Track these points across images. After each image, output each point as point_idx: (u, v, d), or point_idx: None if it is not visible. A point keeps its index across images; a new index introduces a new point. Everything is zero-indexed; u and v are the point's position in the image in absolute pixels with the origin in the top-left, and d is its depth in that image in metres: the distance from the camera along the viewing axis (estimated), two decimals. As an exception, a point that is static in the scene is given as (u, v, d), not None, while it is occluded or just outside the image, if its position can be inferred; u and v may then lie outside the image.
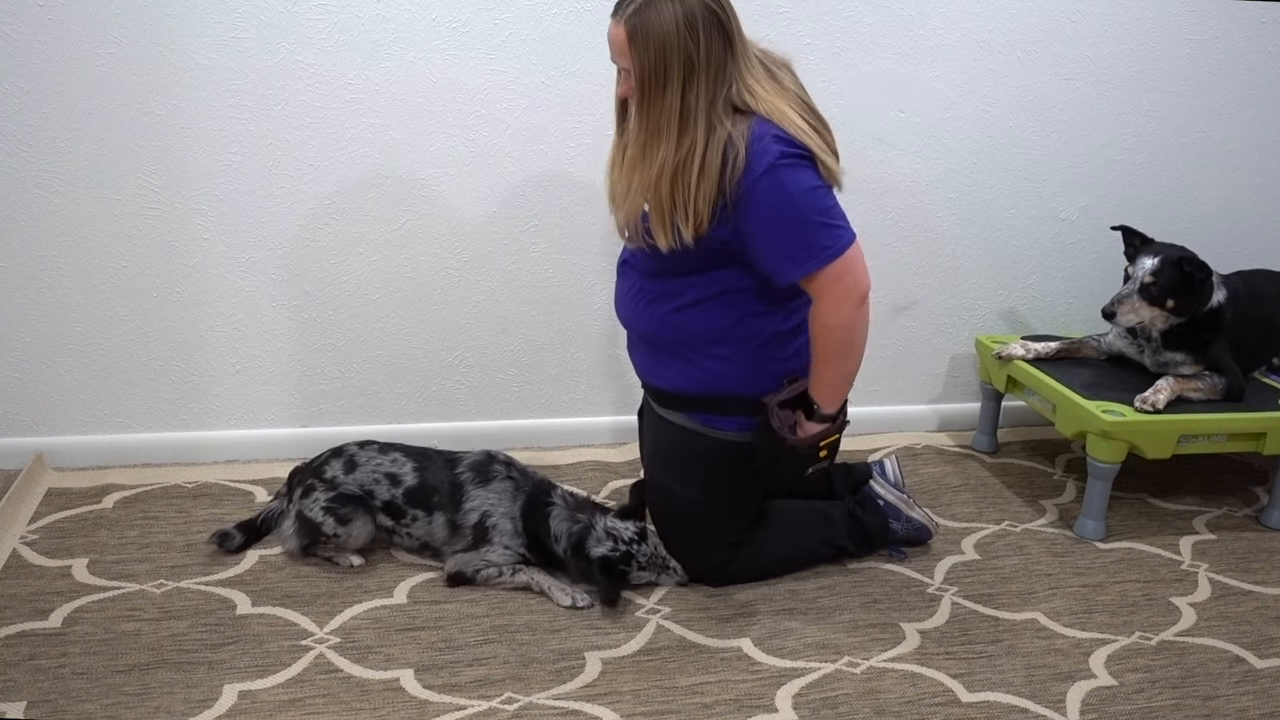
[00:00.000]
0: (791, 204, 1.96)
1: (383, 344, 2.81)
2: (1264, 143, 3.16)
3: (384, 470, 2.33)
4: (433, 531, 2.31)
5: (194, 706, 1.86)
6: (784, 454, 2.13)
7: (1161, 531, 2.67)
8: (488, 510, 2.28)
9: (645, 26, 1.91)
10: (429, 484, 2.31)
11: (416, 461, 2.35)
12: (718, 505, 2.27)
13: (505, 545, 2.27)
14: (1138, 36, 2.98)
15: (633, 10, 1.93)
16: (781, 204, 1.96)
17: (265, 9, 2.49)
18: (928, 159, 2.97)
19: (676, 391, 2.23)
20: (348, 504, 2.29)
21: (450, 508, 2.29)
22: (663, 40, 1.90)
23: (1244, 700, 2.03)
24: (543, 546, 2.27)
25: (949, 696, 2.00)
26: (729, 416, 2.20)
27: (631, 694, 1.96)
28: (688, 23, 1.90)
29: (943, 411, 3.24)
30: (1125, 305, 2.66)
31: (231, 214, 2.62)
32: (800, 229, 1.98)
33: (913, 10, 2.82)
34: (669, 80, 1.92)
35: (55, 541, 2.37)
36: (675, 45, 1.90)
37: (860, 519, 2.43)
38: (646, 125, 1.97)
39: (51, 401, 2.68)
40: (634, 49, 1.93)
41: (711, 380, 2.18)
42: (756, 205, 1.97)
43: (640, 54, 1.92)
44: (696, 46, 1.91)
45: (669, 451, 2.28)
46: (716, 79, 1.94)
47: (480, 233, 2.77)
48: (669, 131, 1.95)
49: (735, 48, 1.96)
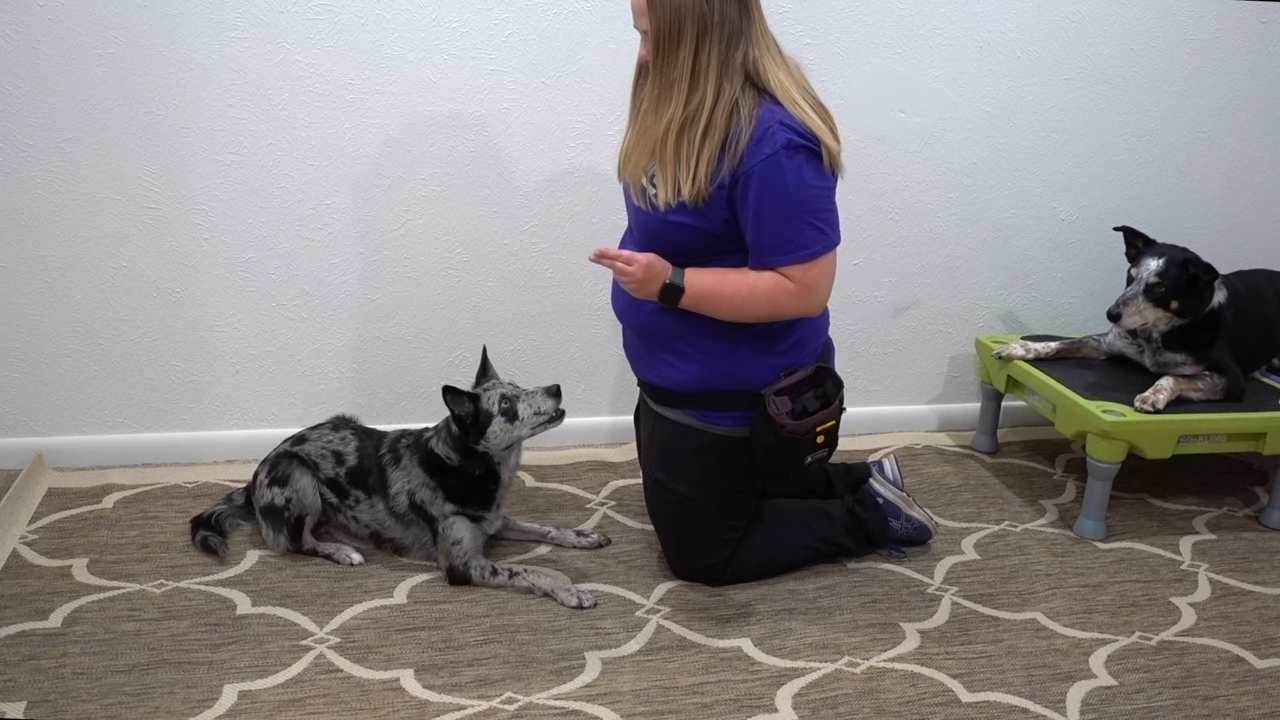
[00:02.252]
0: (786, 195, 2.01)
1: (383, 344, 2.81)
2: (1264, 143, 3.16)
3: (332, 447, 2.37)
4: (378, 518, 2.35)
5: (194, 706, 1.86)
6: (781, 443, 2.13)
7: (1161, 531, 2.67)
8: (411, 489, 2.31)
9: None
10: (365, 466, 2.36)
11: (360, 441, 2.39)
12: (715, 502, 2.27)
13: (447, 514, 2.29)
14: (1138, 36, 2.98)
15: None
16: (778, 192, 2.01)
17: (265, 9, 2.49)
18: (928, 159, 2.97)
19: (673, 388, 2.23)
20: (281, 463, 2.35)
21: (380, 491, 2.34)
22: (678, 1, 1.97)
23: (1244, 700, 2.03)
24: (459, 474, 2.29)
25: (949, 696, 2.00)
26: (726, 411, 2.20)
27: (631, 694, 1.96)
28: None
29: (943, 411, 3.24)
30: (1130, 307, 2.65)
31: (231, 214, 2.62)
32: (788, 222, 2.02)
33: (913, 10, 2.82)
34: (682, 38, 1.98)
35: (55, 541, 2.37)
36: (690, 5, 1.97)
37: (860, 516, 2.43)
38: (660, 82, 2.03)
39: (51, 401, 2.68)
40: (652, 9, 2.00)
41: (708, 376, 2.18)
42: (754, 187, 2.01)
43: (658, 14, 1.99)
44: (711, 8, 1.97)
45: (666, 448, 2.28)
46: (730, 42, 2.00)
47: (480, 233, 2.77)
48: (680, 88, 2.01)
49: (752, 15, 2.02)
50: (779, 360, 2.18)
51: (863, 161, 2.90)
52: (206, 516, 2.41)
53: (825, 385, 2.18)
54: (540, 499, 2.69)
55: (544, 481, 2.78)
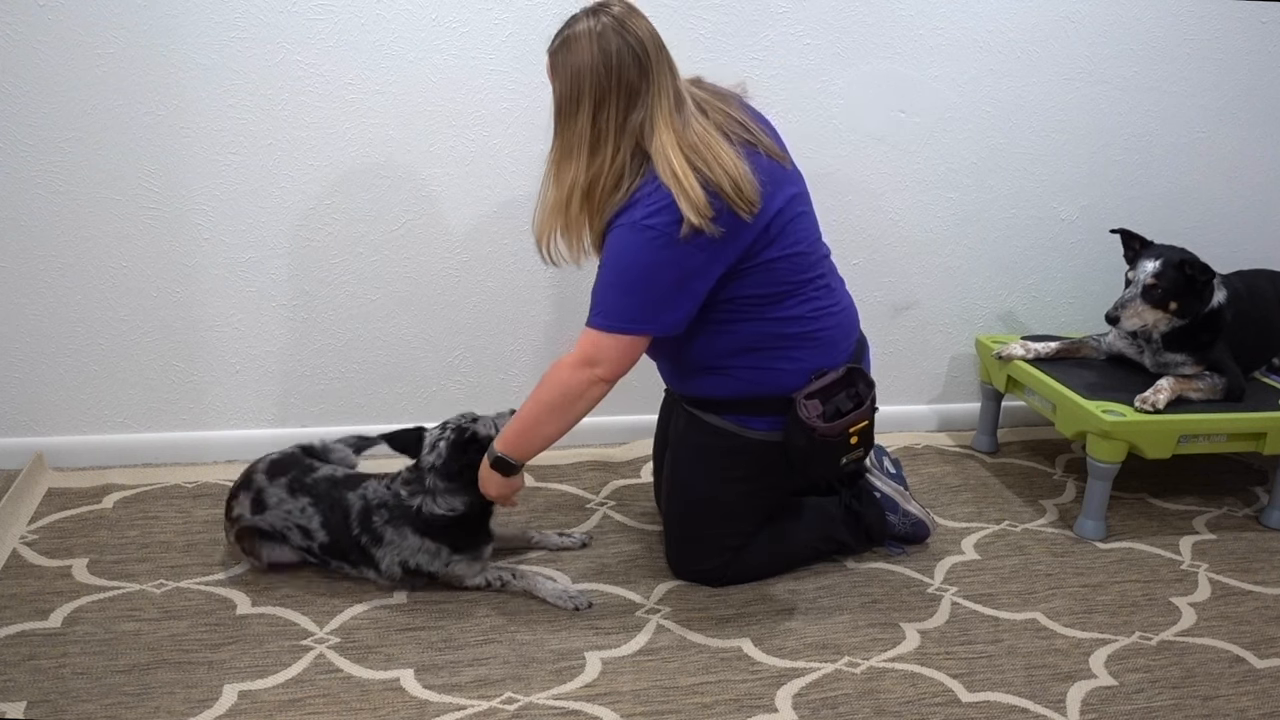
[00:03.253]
0: (616, 262, 2.07)
1: (383, 344, 2.81)
2: (1264, 143, 3.16)
3: (294, 520, 2.22)
4: (379, 580, 2.24)
5: (194, 706, 1.86)
6: (815, 446, 2.14)
7: (1161, 531, 2.67)
8: (404, 559, 2.20)
9: (566, 56, 2.03)
10: (339, 543, 2.21)
11: (324, 513, 2.21)
12: (733, 504, 2.28)
13: (449, 563, 2.22)
14: (1138, 36, 2.98)
15: (558, 44, 2.05)
16: (611, 257, 2.08)
17: (265, 9, 2.49)
18: (928, 159, 2.97)
19: (709, 397, 2.24)
20: (247, 538, 2.24)
21: (368, 563, 2.22)
22: (578, 67, 2.01)
23: (1244, 700, 2.03)
24: (461, 522, 2.21)
25: (949, 696, 2.00)
26: (762, 416, 2.21)
27: (631, 694, 1.96)
28: (603, 53, 2.00)
29: (943, 411, 3.24)
30: (1129, 309, 2.65)
31: (231, 214, 2.62)
32: (606, 285, 2.09)
33: (913, 10, 2.83)
34: (581, 102, 2.02)
35: (55, 541, 2.36)
36: (588, 72, 2.00)
37: (857, 512, 2.43)
38: (561, 146, 2.08)
39: (51, 401, 2.68)
40: (555, 75, 2.05)
41: (743, 385, 2.20)
42: (605, 247, 2.10)
43: (559, 78, 2.04)
44: (609, 71, 2.00)
45: (699, 449, 2.28)
46: (629, 104, 2.02)
47: (480, 233, 2.77)
48: (580, 152, 2.05)
49: (650, 76, 2.02)
50: (811, 363, 2.19)
51: (863, 161, 2.91)
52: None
53: (857, 385, 2.20)
54: (540, 499, 2.69)
55: (544, 481, 2.78)
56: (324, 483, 2.25)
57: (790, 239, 2.12)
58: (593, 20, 2.01)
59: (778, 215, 2.09)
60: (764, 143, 2.12)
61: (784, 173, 2.14)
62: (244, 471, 2.31)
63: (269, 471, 2.27)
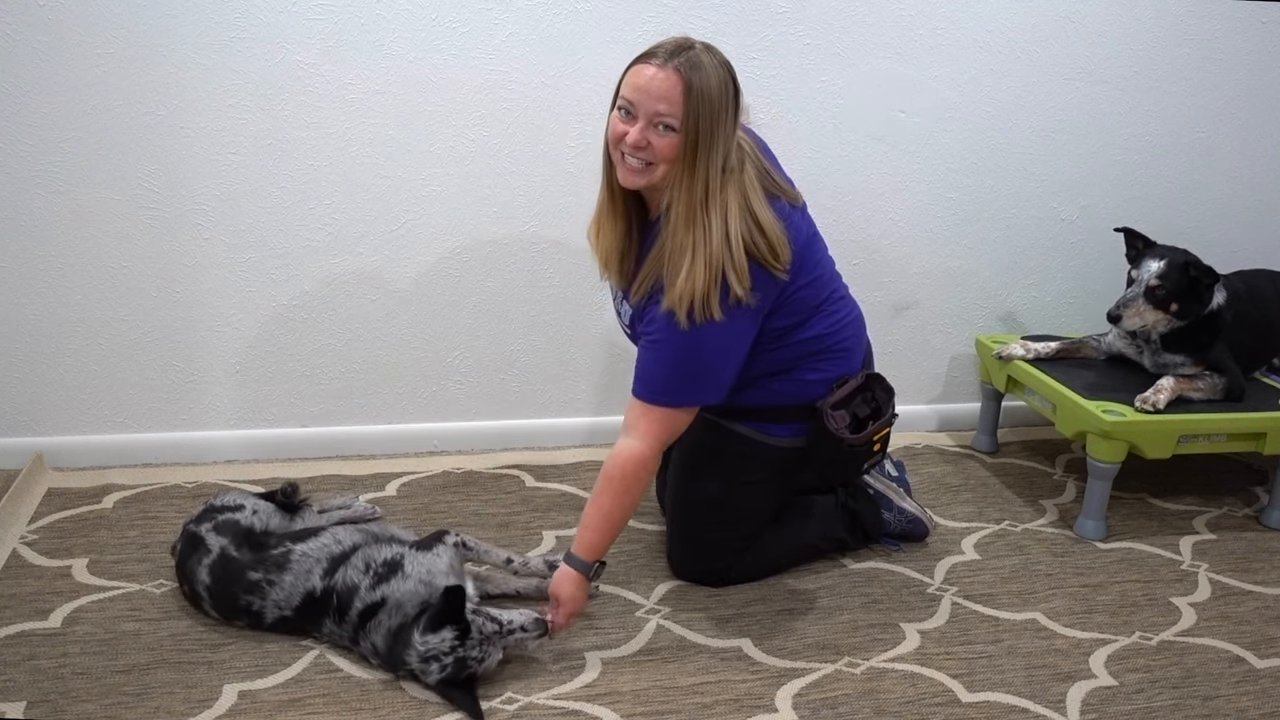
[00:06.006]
0: (665, 339, 1.99)
1: (383, 344, 2.81)
2: (1264, 143, 3.16)
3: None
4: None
5: (194, 706, 1.86)
6: (842, 455, 2.16)
7: (1161, 531, 2.67)
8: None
9: (703, 84, 1.83)
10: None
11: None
12: (745, 507, 2.28)
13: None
14: (1138, 36, 2.98)
15: (686, 62, 1.85)
16: (656, 331, 2.00)
17: (265, 9, 2.49)
18: (927, 159, 2.97)
19: (732, 407, 2.23)
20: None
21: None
22: (714, 102, 1.84)
23: (1244, 700, 2.03)
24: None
25: (949, 696, 2.00)
26: (784, 424, 2.22)
27: (631, 694, 1.96)
28: (726, 92, 1.87)
29: (943, 411, 3.24)
30: (1130, 309, 2.65)
31: (231, 214, 2.62)
32: (649, 360, 2.03)
33: (913, 10, 2.83)
34: (714, 145, 1.86)
35: (55, 541, 2.36)
36: (720, 111, 1.86)
37: (852, 509, 2.44)
38: (690, 186, 1.89)
39: (51, 401, 2.68)
40: (688, 103, 1.84)
41: (770, 397, 2.20)
42: (649, 318, 2.01)
43: (694, 111, 1.84)
44: (730, 118, 1.89)
45: (713, 451, 2.28)
46: (728, 153, 1.91)
47: (480, 233, 2.77)
48: (717, 198, 1.89)
49: (733, 129, 1.94)
50: (834, 372, 2.20)
51: (863, 161, 2.91)
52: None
53: (874, 391, 2.20)
54: (540, 499, 2.69)
55: (544, 481, 2.78)
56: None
57: (809, 267, 2.12)
58: (703, 49, 1.87)
59: (796, 254, 2.05)
60: (783, 189, 2.08)
61: (798, 212, 2.12)
62: None
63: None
